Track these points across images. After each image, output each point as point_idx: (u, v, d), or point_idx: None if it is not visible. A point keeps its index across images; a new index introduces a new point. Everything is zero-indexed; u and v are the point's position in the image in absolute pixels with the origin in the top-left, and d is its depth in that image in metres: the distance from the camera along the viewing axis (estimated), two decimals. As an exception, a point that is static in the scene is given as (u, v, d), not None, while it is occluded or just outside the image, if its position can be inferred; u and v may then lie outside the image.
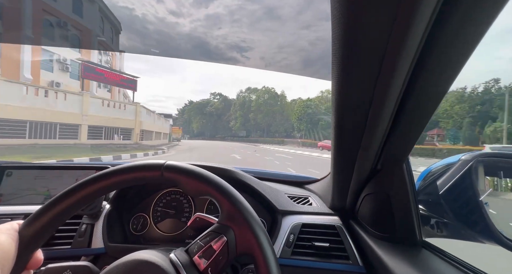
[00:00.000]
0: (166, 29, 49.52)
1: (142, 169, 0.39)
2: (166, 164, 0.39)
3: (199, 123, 66.45)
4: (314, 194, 0.94)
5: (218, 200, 0.38)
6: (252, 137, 51.26)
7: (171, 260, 0.37)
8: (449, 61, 0.37)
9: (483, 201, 0.58)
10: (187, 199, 0.87)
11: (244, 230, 0.37)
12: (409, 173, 0.58)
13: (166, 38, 37.05)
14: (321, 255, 0.67)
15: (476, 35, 0.33)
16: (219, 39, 65.70)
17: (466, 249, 0.59)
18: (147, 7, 46.32)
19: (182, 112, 72.29)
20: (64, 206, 0.36)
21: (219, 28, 71.39)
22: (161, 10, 53.42)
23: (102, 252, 0.70)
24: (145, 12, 45.09)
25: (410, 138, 0.52)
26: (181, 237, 0.82)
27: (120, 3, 38.21)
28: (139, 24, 43.25)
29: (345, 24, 0.35)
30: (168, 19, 52.70)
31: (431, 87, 0.42)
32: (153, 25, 46.56)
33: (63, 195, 0.37)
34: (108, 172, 0.39)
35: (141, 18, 43.06)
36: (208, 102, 68.94)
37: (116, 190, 0.41)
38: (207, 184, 0.38)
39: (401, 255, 0.53)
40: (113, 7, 32.58)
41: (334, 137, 0.58)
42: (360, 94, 0.45)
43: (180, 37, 33.45)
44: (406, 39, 0.34)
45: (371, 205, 0.65)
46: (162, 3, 53.56)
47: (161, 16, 52.45)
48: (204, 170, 0.40)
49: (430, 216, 0.65)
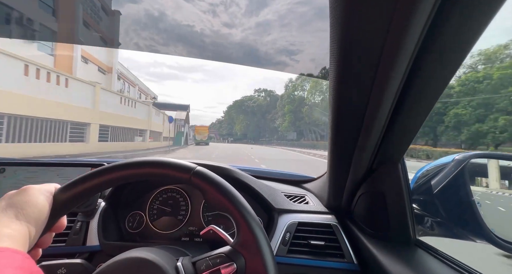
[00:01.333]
0: (220, 40, 50.78)
1: (174, 168, 0.39)
2: (196, 169, 0.39)
3: (242, 125, 60.59)
4: (310, 192, 0.95)
5: (237, 222, 0.38)
6: (306, 140, 38.44)
7: (177, 269, 0.38)
8: (445, 62, 0.38)
9: (475, 201, 0.59)
10: (184, 196, 0.86)
11: (256, 261, 0.36)
12: (404, 172, 0.58)
13: (220, 48, 38.28)
14: (317, 253, 0.68)
15: (472, 36, 0.34)
16: (268, 45, 66.22)
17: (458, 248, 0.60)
18: (204, 22, 48.77)
19: (228, 113, 68.15)
20: (96, 182, 0.39)
21: (268, 34, 72.00)
22: (216, 24, 55.17)
23: (97, 250, 0.70)
24: (203, 27, 47.38)
25: (405, 138, 0.53)
26: (177, 235, 0.82)
27: (183, 22, 44.40)
28: (198, 38, 45.49)
29: (343, 24, 0.35)
30: (222, 31, 54.56)
31: (427, 87, 0.42)
32: (209, 38, 48.30)
33: (98, 172, 0.39)
34: (142, 161, 0.40)
35: (199, 33, 45.39)
36: (251, 99, 62.98)
37: (142, 180, 0.42)
38: (231, 202, 0.38)
39: (395, 253, 0.54)
40: (177, 26, 37.63)
41: (330, 136, 0.58)
42: (357, 94, 0.45)
43: (232, 46, 34.75)
44: (403, 41, 0.34)
45: (366, 204, 0.66)
46: (218, 17, 55.43)
47: (216, 29, 54.21)
48: (231, 186, 0.40)
49: (424, 215, 0.66)
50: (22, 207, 0.33)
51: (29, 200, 0.34)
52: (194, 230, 0.82)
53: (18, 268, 0.25)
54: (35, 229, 0.33)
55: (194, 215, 0.84)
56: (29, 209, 0.33)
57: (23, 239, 0.30)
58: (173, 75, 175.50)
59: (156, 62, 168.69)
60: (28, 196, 0.34)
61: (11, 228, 0.30)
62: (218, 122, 75.37)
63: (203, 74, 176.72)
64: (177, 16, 41.57)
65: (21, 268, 0.25)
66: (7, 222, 0.30)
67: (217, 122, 75.86)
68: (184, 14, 42.10)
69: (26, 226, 0.32)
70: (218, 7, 49.87)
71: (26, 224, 0.32)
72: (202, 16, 47.78)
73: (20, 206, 0.33)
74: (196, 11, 45.44)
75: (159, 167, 0.39)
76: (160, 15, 35.82)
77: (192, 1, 45.75)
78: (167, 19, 36.72)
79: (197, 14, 44.36)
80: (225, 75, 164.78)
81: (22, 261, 0.26)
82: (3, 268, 0.24)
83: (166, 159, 0.41)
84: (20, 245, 0.29)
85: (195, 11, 45.08)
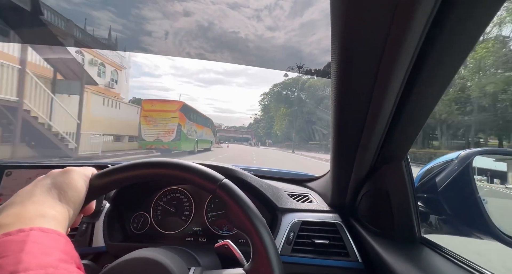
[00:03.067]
0: (264, 44, 51.19)
1: (202, 176, 0.40)
2: (223, 181, 0.39)
3: (282, 124, 40.78)
4: (313, 191, 0.94)
5: (255, 246, 0.37)
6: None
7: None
8: (447, 60, 0.37)
9: (481, 197, 0.58)
10: (187, 197, 0.87)
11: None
12: (408, 170, 0.58)
13: (263, 52, 38.99)
14: (321, 252, 0.68)
15: (474, 36, 0.33)
16: (312, 45, 65.52)
17: (464, 245, 0.59)
18: (249, 28, 49.57)
19: (266, 110, 51.11)
20: (130, 174, 0.41)
21: (312, 34, 71.32)
22: (260, 28, 55.53)
23: (103, 251, 0.70)
24: (247, 32, 48.17)
25: (409, 136, 0.52)
26: (181, 235, 0.82)
27: (229, 29, 47.39)
28: (242, 44, 46.50)
29: (344, 23, 0.35)
30: (266, 35, 54.85)
31: (429, 85, 0.42)
32: (253, 43, 49.17)
33: (133, 165, 0.41)
34: (174, 163, 0.40)
35: (244, 38, 46.23)
36: (298, 80, 38.88)
37: (169, 180, 0.42)
38: (253, 226, 0.38)
39: (400, 252, 0.53)
40: (224, 34, 39.13)
41: (333, 135, 0.58)
42: (359, 92, 0.45)
43: (275, 49, 35.39)
44: (405, 39, 0.34)
45: (370, 202, 0.66)
46: (262, 22, 55.84)
47: (259, 33, 54.46)
48: (255, 208, 0.40)
49: (429, 212, 0.65)
50: (65, 189, 0.34)
51: (71, 182, 0.35)
52: (198, 230, 0.83)
53: (63, 251, 0.26)
54: (73, 212, 0.34)
55: (198, 215, 0.84)
56: (70, 192, 0.34)
57: (65, 221, 0.32)
58: (219, 80, 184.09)
59: (205, 69, 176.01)
60: (70, 178, 0.36)
61: (55, 210, 0.31)
62: (255, 122, 67.07)
63: (246, 78, 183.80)
64: (224, 24, 43.40)
65: (65, 252, 0.26)
66: (52, 203, 0.32)
67: (255, 122, 67.71)
68: (230, 22, 43.88)
69: (66, 209, 0.33)
70: (263, 12, 50.53)
71: (67, 207, 0.33)
72: (247, 22, 48.55)
73: (63, 188, 0.34)
74: (242, 17, 46.76)
75: (188, 171, 0.40)
76: (209, 25, 37.86)
77: (238, 9, 47.40)
78: (215, 28, 38.77)
79: (242, 20, 45.61)
80: (268, 78, 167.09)
81: (65, 245, 0.27)
82: (52, 249, 0.25)
83: (196, 165, 0.40)
84: (62, 228, 0.30)
85: (240, 18, 46.45)
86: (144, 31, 30.55)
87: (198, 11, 36.17)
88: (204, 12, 37.49)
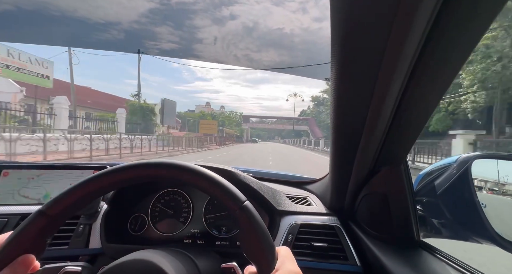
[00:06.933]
0: (310, 37, 50.33)
1: (226, 192, 0.38)
2: (245, 203, 0.38)
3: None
4: (312, 194, 0.94)
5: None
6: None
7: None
8: (447, 62, 0.38)
9: (480, 201, 0.58)
10: (186, 199, 0.86)
11: None
12: (407, 173, 0.58)
13: (310, 45, 39.01)
14: (319, 255, 0.67)
15: (474, 38, 0.34)
16: None
17: (463, 249, 0.59)
18: (294, 22, 48.78)
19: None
20: (147, 173, 0.40)
21: None
22: (306, 21, 54.17)
23: (100, 252, 0.70)
24: (292, 27, 47.37)
25: (408, 139, 0.52)
26: (179, 237, 0.81)
27: (274, 26, 44.11)
28: (287, 40, 45.71)
29: (344, 25, 0.35)
30: (312, 27, 53.44)
31: (429, 88, 0.42)
32: (298, 37, 48.15)
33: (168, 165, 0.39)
34: (199, 172, 0.39)
35: (289, 34, 45.53)
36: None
37: (192, 187, 0.41)
38: (264, 252, 0.37)
39: (398, 255, 0.53)
40: (268, 32, 36.89)
41: (332, 138, 0.58)
42: (358, 95, 0.45)
43: (323, 40, 35.27)
44: (405, 41, 0.34)
45: (369, 205, 0.66)
46: (307, 13, 54.39)
47: (305, 26, 53.18)
48: (271, 239, 0.39)
49: (428, 216, 0.65)
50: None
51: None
52: (196, 232, 0.82)
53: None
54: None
55: (196, 217, 0.84)
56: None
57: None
58: (265, 79, 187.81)
59: (251, 69, 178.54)
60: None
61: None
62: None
63: (293, 74, 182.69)
64: (268, 22, 43.09)
65: None
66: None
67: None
68: (275, 19, 43.64)
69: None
70: (308, 3, 49.23)
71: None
72: (292, 17, 47.64)
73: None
74: (286, 13, 45.95)
75: (214, 185, 0.38)
76: (254, 24, 37.86)
77: (283, 4, 46.54)
78: (259, 27, 38.72)
79: (287, 16, 44.90)
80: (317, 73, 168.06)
81: None
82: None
83: (223, 180, 0.39)
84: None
85: (285, 13, 45.71)
86: (196, 39, 31.94)
87: (243, 13, 36.37)
88: (249, 13, 37.62)
